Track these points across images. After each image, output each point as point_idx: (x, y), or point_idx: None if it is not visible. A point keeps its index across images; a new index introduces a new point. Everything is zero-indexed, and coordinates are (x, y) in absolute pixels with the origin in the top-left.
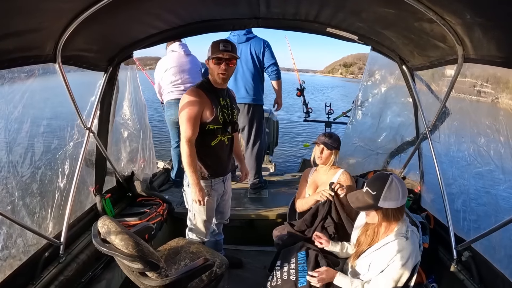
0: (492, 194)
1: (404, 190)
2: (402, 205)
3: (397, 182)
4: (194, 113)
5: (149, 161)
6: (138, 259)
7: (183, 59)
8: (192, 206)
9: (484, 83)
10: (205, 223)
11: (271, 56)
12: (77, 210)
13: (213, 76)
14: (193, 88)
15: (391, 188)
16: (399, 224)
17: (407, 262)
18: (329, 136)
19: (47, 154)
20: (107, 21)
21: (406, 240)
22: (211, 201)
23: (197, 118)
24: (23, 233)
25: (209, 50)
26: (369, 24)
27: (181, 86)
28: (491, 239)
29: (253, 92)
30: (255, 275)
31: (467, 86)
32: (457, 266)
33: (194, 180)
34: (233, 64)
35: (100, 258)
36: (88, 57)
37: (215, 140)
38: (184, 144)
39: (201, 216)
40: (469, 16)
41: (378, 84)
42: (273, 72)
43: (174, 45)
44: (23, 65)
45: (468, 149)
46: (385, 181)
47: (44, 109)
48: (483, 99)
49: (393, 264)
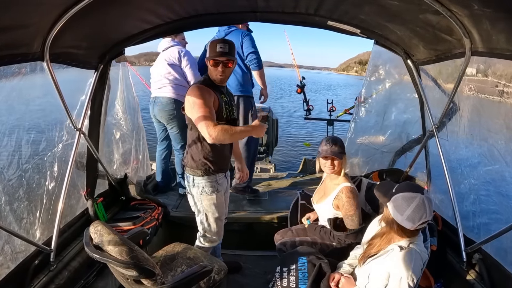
0: (503, 193)
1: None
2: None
3: (424, 201)
4: (209, 105)
5: (142, 162)
6: (133, 266)
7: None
8: (202, 206)
9: (507, 83)
10: (218, 222)
11: (250, 46)
12: (68, 215)
13: (211, 76)
14: (198, 84)
15: (418, 208)
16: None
17: (401, 281)
18: (333, 142)
19: (35, 156)
20: (98, 16)
21: (400, 251)
22: (220, 196)
23: (212, 108)
24: (11, 239)
25: (208, 49)
26: (372, 17)
27: (156, 83)
28: (502, 240)
29: (237, 83)
30: (255, 281)
31: (489, 86)
32: (466, 269)
33: (247, 129)
34: (231, 65)
35: (92, 265)
36: (77, 55)
37: None
38: (214, 131)
39: (214, 215)
40: (477, 7)
41: (382, 79)
42: (252, 62)
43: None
44: (9, 63)
45: (477, 147)
46: (412, 199)
47: (31, 109)
48: (508, 100)
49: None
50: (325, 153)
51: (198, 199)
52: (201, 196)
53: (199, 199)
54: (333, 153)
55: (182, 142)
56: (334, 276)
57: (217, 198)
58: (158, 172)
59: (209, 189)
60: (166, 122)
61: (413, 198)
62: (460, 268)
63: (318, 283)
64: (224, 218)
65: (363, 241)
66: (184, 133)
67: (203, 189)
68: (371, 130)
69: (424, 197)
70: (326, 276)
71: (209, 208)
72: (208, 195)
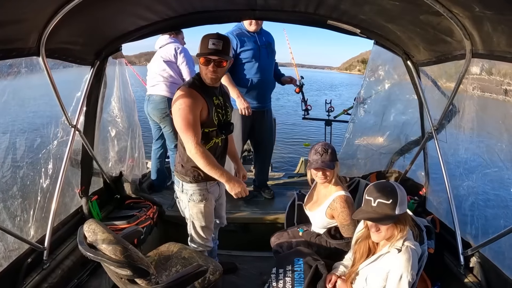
0: (501, 196)
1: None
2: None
3: (397, 184)
4: (193, 117)
5: (138, 161)
6: (127, 265)
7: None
8: (189, 214)
9: (511, 81)
10: (204, 230)
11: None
12: (62, 213)
13: (202, 75)
14: (185, 88)
15: (401, 190)
16: (398, 236)
17: (400, 280)
18: (324, 151)
19: (29, 153)
20: (94, 12)
21: (398, 253)
22: (209, 205)
23: (197, 120)
24: (4, 237)
25: (199, 44)
26: (372, 17)
27: (151, 81)
28: (500, 244)
29: (269, 95)
30: (250, 282)
31: (494, 85)
32: (464, 273)
33: (228, 177)
34: (225, 64)
35: (86, 264)
36: (74, 50)
37: (209, 143)
38: (194, 150)
39: (201, 223)
40: (478, 9)
41: (381, 80)
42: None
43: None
44: (4, 58)
45: (476, 149)
46: (392, 186)
47: (26, 105)
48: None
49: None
50: (315, 165)
51: (186, 205)
52: (189, 203)
53: (187, 206)
54: (324, 165)
55: (176, 141)
56: (331, 277)
57: (205, 207)
58: (153, 171)
59: (197, 197)
60: (159, 120)
61: (392, 185)
62: (457, 271)
63: (314, 284)
64: (212, 226)
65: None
66: (177, 132)
67: (191, 197)
68: (369, 131)
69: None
70: (322, 278)
71: (196, 216)
72: (196, 204)
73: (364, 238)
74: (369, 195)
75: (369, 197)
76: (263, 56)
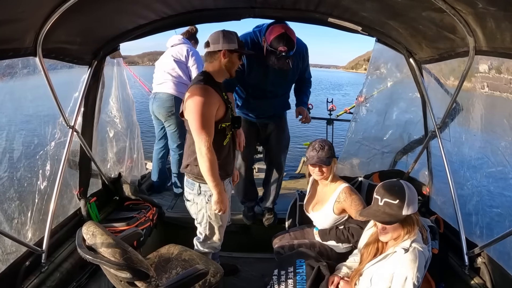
0: (506, 196)
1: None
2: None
3: (407, 184)
4: (210, 116)
5: (137, 162)
6: (126, 267)
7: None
8: (207, 215)
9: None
10: (221, 230)
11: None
12: (60, 215)
13: (228, 70)
14: (201, 86)
15: (411, 190)
16: (405, 237)
17: (406, 281)
18: (320, 148)
19: (26, 155)
20: (92, 11)
21: (404, 253)
22: (227, 203)
23: (212, 120)
24: (1, 240)
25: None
26: (374, 14)
27: (158, 78)
28: (505, 244)
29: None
30: (251, 284)
31: (503, 83)
32: (468, 273)
33: (221, 190)
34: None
35: (85, 267)
36: (71, 50)
37: (226, 139)
38: (205, 151)
39: (218, 223)
40: (482, 6)
41: (383, 78)
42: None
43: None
44: (1, 59)
45: (481, 148)
46: (400, 185)
47: (23, 105)
48: None
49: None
50: (311, 161)
51: (203, 207)
52: (207, 204)
53: (204, 207)
54: (320, 161)
55: (179, 141)
56: (333, 279)
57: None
58: (154, 171)
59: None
60: (164, 119)
61: (401, 185)
62: (462, 272)
63: (316, 286)
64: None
65: (359, 245)
66: (181, 132)
67: (210, 197)
68: (371, 130)
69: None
70: (325, 279)
71: (214, 216)
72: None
73: (374, 237)
74: (377, 194)
75: (377, 195)
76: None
